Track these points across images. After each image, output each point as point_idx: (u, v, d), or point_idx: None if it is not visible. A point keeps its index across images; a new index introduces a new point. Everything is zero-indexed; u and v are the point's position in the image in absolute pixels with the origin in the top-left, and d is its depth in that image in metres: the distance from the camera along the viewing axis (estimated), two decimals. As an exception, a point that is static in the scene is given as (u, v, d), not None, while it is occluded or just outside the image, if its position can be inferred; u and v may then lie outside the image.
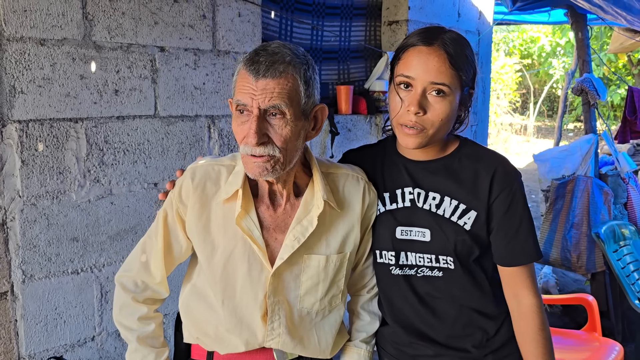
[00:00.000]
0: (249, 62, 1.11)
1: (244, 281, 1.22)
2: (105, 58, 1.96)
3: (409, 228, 1.30)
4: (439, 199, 1.28)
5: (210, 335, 1.27)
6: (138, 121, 2.07)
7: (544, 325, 1.28)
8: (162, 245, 1.28)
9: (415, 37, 1.24)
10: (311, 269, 1.25)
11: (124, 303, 1.32)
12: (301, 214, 1.23)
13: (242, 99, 1.11)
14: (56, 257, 1.91)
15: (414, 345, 1.35)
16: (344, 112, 2.90)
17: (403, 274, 1.32)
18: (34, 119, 1.81)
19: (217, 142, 2.32)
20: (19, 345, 1.86)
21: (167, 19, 2.11)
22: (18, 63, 1.76)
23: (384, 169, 1.36)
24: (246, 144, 1.12)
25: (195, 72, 2.21)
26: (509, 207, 1.26)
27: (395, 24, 3.18)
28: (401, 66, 1.24)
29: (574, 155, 4.01)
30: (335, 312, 1.33)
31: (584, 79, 4.05)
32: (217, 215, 1.23)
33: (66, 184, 1.91)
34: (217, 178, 1.24)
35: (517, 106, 15.96)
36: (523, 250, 1.27)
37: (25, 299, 1.85)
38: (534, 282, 1.31)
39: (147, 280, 1.30)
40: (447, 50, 1.20)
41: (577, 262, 3.73)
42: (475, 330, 1.32)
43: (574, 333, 2.95)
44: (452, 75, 1.20)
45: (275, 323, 1.24)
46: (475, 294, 1.30)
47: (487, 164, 1.28)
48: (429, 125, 1.21)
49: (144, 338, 1.30)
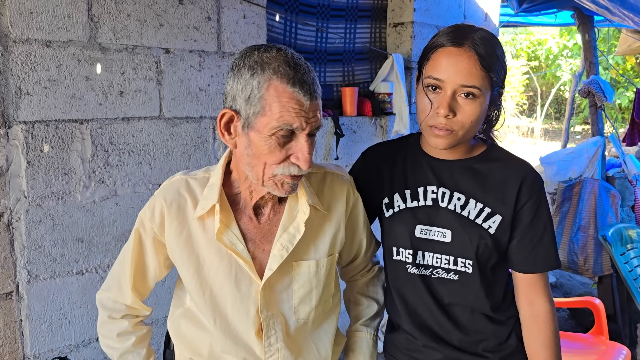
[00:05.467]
0: (296, 82, 1.03)
1: (234, 297, 1.17)
2: (110, 60, 1.97)
3: (429, 227, 1.28)
4: (464, 200, 1.27)
5: (204, 355, 1.22)
6: (143, 122, 2.08)
7: (557, 331, 1.28)
8: (132, 269, 1.24)
9: (444, 36, 1.20)
10: (302, 276, 1.20)
11: (103, 321, 1.31)
12: (287, 221, 1.18)
13: (293, 123, 1.04)
14: (61, 257, 1.92)
15: (426, 350, 1.33)
16: (348, 113, 2.90)
17: (419, 273, 1.30)
18: (39, 120, 1.82)
19: (222, 144, 2.33)
20: (24, 345, 1.87)
21: (172, 20, 2.12)
22: (24, 64, 1.77)
23: (406, 166, 1.34)
24: (292, 165, 1.08)
25: (200, 74, 2.22)
26: (534, 214, 1.25)
27: (401, 25, 3.17)
28: (430, 68, 1.20)
29: (581, 157, 3.98)
30: (330, 317, 1.30)
31: (591, 81, 4.03)
32: (198, 232, 1.18)
33: (71, 185, 1.92)
34: (191, 193, 1.19)
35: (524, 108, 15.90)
36: (545, 258, 1.27)
37: (31, 299, 1.86)
38: (549, 289, 1.31)
39: (122, 301, 1.28)
40: (478, 51, 1.16)
41: (583, 265, 3.70)
42: (488, 335, 1.31)
43: (581, 336, 2.93)
44: (482, 76, 1.16)
45: (272, 338, 1.20)
46: (488, 300, 1.29)
47: (516, 171, 1.27)
48: (458, 127, 1.19)
49: (123, 354, 1.28)
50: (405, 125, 2.94)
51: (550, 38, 13.43)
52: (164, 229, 1.19)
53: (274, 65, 1.04)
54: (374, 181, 1.37)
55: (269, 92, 1.03)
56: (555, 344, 1.27)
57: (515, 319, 1.33)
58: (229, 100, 1.09)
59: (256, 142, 1.07)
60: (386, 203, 1.34)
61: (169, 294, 2.21)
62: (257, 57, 1.06)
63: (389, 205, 1.33)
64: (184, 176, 1.22)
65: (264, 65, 1.04)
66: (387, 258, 1.36)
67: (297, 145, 1.06)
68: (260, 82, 1.04)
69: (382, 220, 1.37)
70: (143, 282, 1.27)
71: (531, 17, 4.84)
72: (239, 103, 1.07)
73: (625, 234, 3.60)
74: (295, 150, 1.07)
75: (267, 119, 1.04)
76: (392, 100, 3.04)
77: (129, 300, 1.27)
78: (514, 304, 1.34)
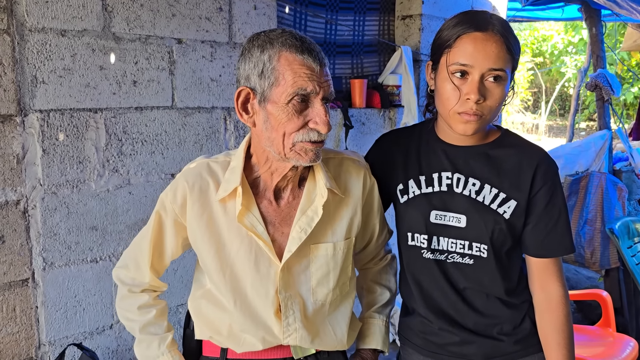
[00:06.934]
0: (305, 50, 1.09)
1: (254, 278, 1.20)
2: (124, 49, 1.98)
3: (444, 213, 1.29)
4: (479, 186, 1.28)
5: (224, 334, 1.25)
6: (156, 112, 2.09)
7: (569, 316, 1.29)
8: (151, 250, 1.27)
9: (464, 24, 1.21)
10: (320, 258, 1.23)
11: (123, 295, 1.32)
12: (305, 205, 1.21)
13: (307, 87, 1.08)
14: (76, 245, 1.94)
15: (442, 333, 1.34)
16: (357, 105, 2.91)
17: (434, 258, 1.31)
18: (54, 108, 1.84)
19: (233, 133, 2.34)
20: (40, 332, 1.89)
21: (185, 11, 2.13)
22: (40, 53, 1.79)
23: (421, 152, 1.35)
24: (311, 131, 1.11)
25: (211, 64, 2.24)
26: (549, 199, 1.27)
27: (409, 18, 3.18)
28: (455, 54, 1.20)
29: (588, 151, 3.98)
30: (347, 301, 1.32)
31: (598, 74, 4.03)
32: (219, 214, 1.20)
33: (86, 174, 1.94)
34: (213, 176, 1.21)
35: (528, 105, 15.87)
36: (561, 242, 1.29)
37: (46, 286, 1.88)
38: (562, 274, 1.32)
39: (140, 279, 1.31)
40: (503, 34, 1.19)
41: (590, 258, 3.70)
42: (503, 319, 1.33)
43: (588, 329, 2.94)
44: (508, 59, 1.19)
45: (290, 318, 1.22)
46: (502, 284, 1.31)
47: (531, 156, 1.28)
48: (487, 112, 1.21)
49: (146, 326, 1.30)
50: (414, 117, 2.95)
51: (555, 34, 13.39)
52: (185, 211, 1.21)
53: (282, 39, 1.10)
54: (389, 168, 1.38)
55: (280, 62, 1.08)
56: (567, 328, 1.29)
57: (529, 303, 1.34)
58: (243, 82, 1.14)
59: (274, 113, 1.10)
60: (401, 189, 1.35)
61: (181, 283, 2.23)
62: (264, 37, 1.12)
63: (403, 192, 1.35)
64: (205, 160, 1.25)
65: (272, 41, 1.10)
66: (402, 243, 1.37)
67: (314, 110, 1.10)
68: (271, 56, 1.09)
69: (396, 207, 1.39)
70: (160, 261, 1.30)
71: (538, 11, 4.84)
72: (252, 80, 1.11)
73: (632, 227, 3.60)
74: (313, 115, 1.11)
75: (282, 88, 1.08)
76: (401, 92, 3.05)
77: (147, 279, 1.30)
78: (528, 289, 1.35)
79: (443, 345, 1.35)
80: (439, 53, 1.25)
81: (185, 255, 1.42)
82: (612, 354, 2.66)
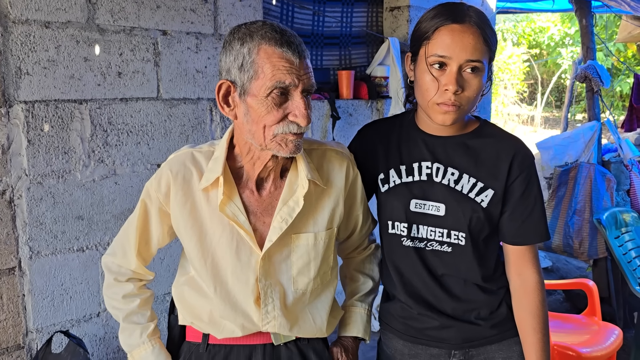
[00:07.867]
0: (284, 43, 1.09)
1: (234, 266, 1.22)
2: (108, 41, 2.00)
3: (423, 201, 1.32)
4: (457, 175, 1.31)
5: (205, 320, 1.28)
6: (141, 103, 2.11)
7: (545, 301, 1.33)
8: (137, 237, 1.29)
9: (441, 16, 1.24)
10: (300, 248, 1.25)
11: (109, 283, 1.35)
12: (286, 195, 1.23)
13: (286, 80, 1.09)
14: (62, 234, 1.97)
15: (421, 317, 1.37)
16: (345, 97, 2.93)
17: (414, 246, 1.34)
18: (39, 99, 1.86)
19: (219, 124, 2.37)
20: (27, 319, 1.92)
21: (169, 2, 2.15)
22: (24, 45, 1.81)
23: (401, 142, 1.38)
24: (291, 124, 1.13)
25: (197, 56, 2.25)
26: (525, 188, 1.30)
27: (397, 9, 3.19)
28: (434, 46, 1.23)
29: (577, 142, 4.01)
30: (327, 289, 1.34)
31: (588, 65, 4.05)
32: (202, 203, 1.22)
33: (71, 164, 1.96)
34: (197, 165, 1.23)
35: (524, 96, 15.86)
36: (536, 230, 1.32)
37: (33, 275, 1.91)
38: (538, 260, 1.35)
39: (127, 266, 1.33)
40: (480, 25, 1.21)
41: (579, 248, 3.74)
42: (480, 304, 1.36)
43: (574, 317, 2.97)
44: (485, 50, 1.22)
45: (269, 306, 1.24)
46: (480, 271, 1.34)
47: (508, 146, 1.31)
48: (465, 102, 1.24)
49: (129, 315, 1.33)
50: (402, 109, 2.97)
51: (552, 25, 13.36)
52: (169, 199, 1.24)
53: (261, 32, 1.10)
54: (370, 157, 1.41)
55: (259, 55, 1.09)
56: (542, 313, 1.32)
57: (506, 289, 1.38)
58: (224, 74, 1.15)
59: (254, 106, 1.12)
60: (382, 178, 1.38)
61: (168, 272, 2.26)
62: (244, 30, 1.13)
63: (384, 181, 1.38)
64: (190, 149, 1.27)
65: (252, 34, 1.11)
66: (383, 232, 1.41)
67: (293, 103, 1.12)
68: (250, 49, 1.10)
69: (378, 195, 1.42)
70: (147, 249, 1.32)
71: (529, 3, 4.84)
72: (233, 73, 1.13)
73: (620, 218, 3.64)
74: (292, 108, 1.12)
75: (261, 81, 1.10)
76: (389, 83, 3.07)
77: (133, 266, 1.33)
78: (505, 275, 1.39)
79: (422, 330, 1.38)
80: (418, 45, 1.28)
81: (172, 245, 1.44)
82: (596, 341, 2.69)
